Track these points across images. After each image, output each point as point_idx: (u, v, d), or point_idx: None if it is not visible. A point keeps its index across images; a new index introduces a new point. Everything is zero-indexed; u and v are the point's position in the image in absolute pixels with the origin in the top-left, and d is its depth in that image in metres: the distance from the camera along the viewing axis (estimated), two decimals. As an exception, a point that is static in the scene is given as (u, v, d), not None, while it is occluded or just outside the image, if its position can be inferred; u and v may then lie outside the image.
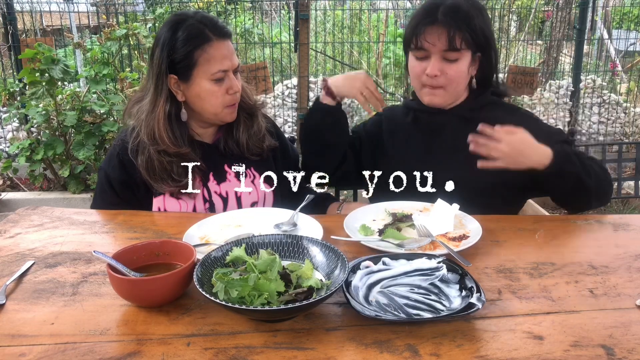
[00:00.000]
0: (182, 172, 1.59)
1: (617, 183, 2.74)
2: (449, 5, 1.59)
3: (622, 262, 1.24)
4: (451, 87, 1.65)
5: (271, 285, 0.99)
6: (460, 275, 1.08)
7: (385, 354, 0.90)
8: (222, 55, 1.54)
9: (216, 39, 1.54)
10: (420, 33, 1.59)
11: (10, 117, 4.11)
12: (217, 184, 1.66)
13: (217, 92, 1.56)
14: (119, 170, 1.61)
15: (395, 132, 1.81)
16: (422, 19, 1.61)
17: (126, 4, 5.32)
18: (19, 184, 4.45)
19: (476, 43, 1.61)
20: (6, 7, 4.59)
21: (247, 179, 1.69)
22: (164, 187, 1.58)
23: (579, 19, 5.20)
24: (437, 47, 1.59)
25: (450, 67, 1.61)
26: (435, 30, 1.58)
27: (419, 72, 1.65)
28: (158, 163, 1.56)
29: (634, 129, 5.43)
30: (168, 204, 1.61)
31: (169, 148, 1.56)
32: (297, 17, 4.59)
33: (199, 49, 1.52)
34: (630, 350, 0.91)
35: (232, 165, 1.68)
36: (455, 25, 1.57)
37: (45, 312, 1.03)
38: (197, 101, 1.58)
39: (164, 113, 1.56)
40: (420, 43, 1.60)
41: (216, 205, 1.65)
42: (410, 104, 1.84)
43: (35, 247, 1.34)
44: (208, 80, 1.54)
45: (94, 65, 3.85)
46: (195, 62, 1.53)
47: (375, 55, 6.41)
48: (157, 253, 1.15)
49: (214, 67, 1.53)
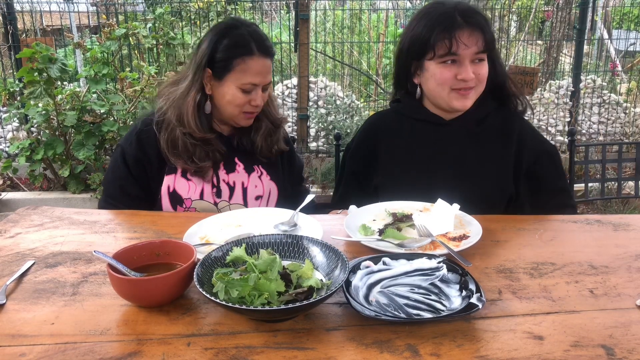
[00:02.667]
0: (203, 156, 1.68)
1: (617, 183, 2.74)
2: (463, 9, 1.59)
3: (622, 262, 1.24)
4: (480, 87, 1.65)
5: (271, 285, 0.99)
6: (460, 275, 1.08)
7: (385, 354, 0.90)
8: (257, 70, 1.63)
9: (258, 54, 1.63)
10: (453, 38, 1.56)
11: (10, 117, 4.12)
12: (226, 173, 1.74)
13: (241, 100, 1.65)
14: (136, 147, 1.70)
15: (393, 142, 1.77)
16: (447, 25, 1.57)
17: (126, 4, 5.32)
18: (19, 184, 4.45)
19: (490, 48, 1.62)
20: (6, 7, 4.59)
21: (254, 174, 1.76)
22: (179, 163, 1.67)
23: (579, 19, 5.21)
24: (470, 50, 1.57)
25: (480, 68, 1.61)
26: (467, 33, 1.57)
27: (449, 77, 1.61)
28: (182, 143, 1.67)
29: (634, 129, 5.43)
30: (178, 184, 1.68)
31: (194, 132, 1.66)
32: (297, 17, 4.60)
33: (239, 57, 1.62)
34: (630, 350, 0.91)
35: (242, 159, 1.77)
36: (483, 26, 1.58)
37: (46, 312, 1.03)
38: (221, 100, 1.67)
39: (194, 101, 1.66)
40: (455, 48, 1.56)
41: (223, 192, 1.72)
42: (400, 109, 1.80)
43: (35, 247, 1.34)
44: (237, 87, 1.64)
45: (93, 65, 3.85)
46: (232, 67, 1.63)
47: (375, 55, 6.41)
48: (157, 253, 1.15)
49: (246, 78, 1.63)
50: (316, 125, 5.06)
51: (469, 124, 1.70)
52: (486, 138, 1.70)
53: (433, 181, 1.65)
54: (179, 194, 1.67)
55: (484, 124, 1.71)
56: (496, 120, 1.72)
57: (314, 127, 5.10)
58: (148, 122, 1.72)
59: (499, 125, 1.71)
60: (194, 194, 1.68)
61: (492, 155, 1.68)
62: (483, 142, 1.69)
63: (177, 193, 1.67)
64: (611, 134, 5.44)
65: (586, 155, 2.73)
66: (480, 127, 1.70)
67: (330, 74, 6.15)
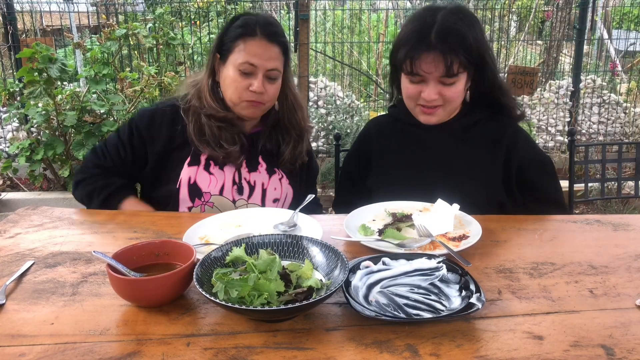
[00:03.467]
0: (229, 139, 1.68)
1: (617, 183, 2.74)
2: (442, 27, 1.53)
3: (622, 262, 1.24)
4: (448, 106, 1.64)
5: (271, 285, 0.99)
6: (460, 275, 1.08)
7: (385, 354, 0.90)
8: (256, 52, 1.60)
9: (260, 37, 1.61)
10: (415, 59, 1.54)
11: (10, 117, 4.11)
12: (249, 171, 1.73)
13: (239, 84, 1.62)
14: (147, 121, 1.71)
15: (386, 146, 1.79)
16: (415, 44, 1.55)
17: (126, 4, 5.32)
18: (19, 184, 4.45)
19: (472, 63, 1.57)
20: (6, 7, 4.59)
21: (275, 176, 1.76)
22: (208, 150, 1.67)
23: (579, 19, 5.20)
24: (433, 75, 1.55)
25: (447, 90, 1.59)
26: (431, 58, 1.53)
27: (414, 94, 1.62)
28: (208, 128, 1.67)
29: (634, 129, 5.42)
30: (200, 177, 1.67)
31: (216, 112, 1.66)
32: (297, 17, 4.59)
33: (240, 39, 1.61)
34: (630, 350, 0.91)
35: (265, 159, 1.76)
36: (451, 50, 1.51)
37: (45, 312, 1.03)
38: (223, 84, 1.68)
39: (207, 87, 1.69)
40: (416, 70, 1.55)
41: (244, 190, 1.71)
42: (396, 114, 1.81)
43: (35, 247, 1.34)
44: (235, 68, 1.61)
45: (93, 65, 3.85)
46: (233, 48, 1.62)
47: (375, 55, 6.41)
48: (157, 253, 1.16)
49: (243, 57, 1.60)
50: (316, 126, 5.07)
51: (456, 132, 1.70)
52: (475, 144, 1.69)
53: (423, 184, 1.65)
54: (199, 187, 1.66)
55: (473, 131, 1.70)
56: (487, 127, 1.71)
57: (314, 127, 5.11)
58: (167, 105, 1.74)
59: (489, 131, 1.70)
60: (214, 188, 1.67)
61: (481, 161, 1.67)
62: (472, 148, 1.69)
63: (198, 185, 1.66)
64: (611, 134, 5.44)
65: (586, 155, 2.73)
66: (469, 134, 1.70)
67: (330, 74, 6.15)
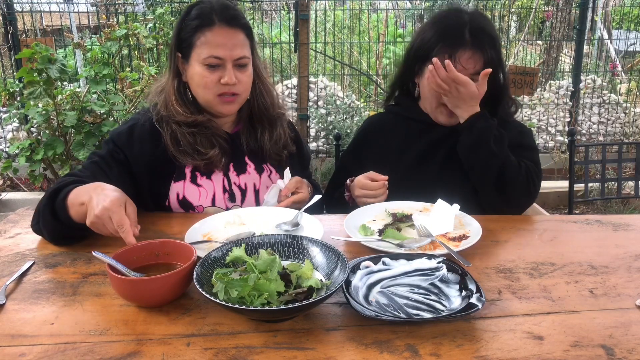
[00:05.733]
0: (206, 143, 1.57)
1: (617, 183, 2.74)
2: (474, 26, 1.57)
3: (622, 262, 1.24)
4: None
5: (271, 285, 0.99)
6: (460, 276, 1.08)
7: (385, 354, 0.90)
8: (219, 42, 1.50)
9: (219, 25, 1.50)
10: (453, 57, 1.56)
11: (10, 117, 4.11)
12: (237, 175, 1.64)
13: (208, 79, 1.51)
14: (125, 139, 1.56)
15: (384, 141, 1.79)
16: (451, 42, 1.57)
17: (126, 4, 5.32)
18: (19, 184, 4.45)
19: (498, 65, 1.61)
20: (6, 7, 4.59)
21: (264, 174, 1.69)
22: (188, 161, 1.56)
23: (579, 19, 5.20)
24: (468, 71, 1.57)
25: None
26: (468, 54, 1.57)
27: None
28: (181, 137, 1.56)
29: (634, 129, 5.42)
30: (188, 191, 1.58)
31: (185, 118, 1.55)
32: (297, 17, 4.59)
33: (199, 31, 1.51)
34: (630, 350, 0.91)
35: (252, 159, 1.68)
36: (488, 48, 1.56)
37: (45, 312, 1.03)
38: (192, 84, 1.57)
39: (173, 88, 1.58)
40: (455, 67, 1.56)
41: (236, 196, 1.63)
42: (398, 110, 1.82)
43: (35, 247, 1.34)
44: (201, 64, 1.51)
45: (94, 66, 3.85)
46: (194, 43, 1.52)
47: (375, 55, 6.41)
48: (157, 253, 1.16)
49: (206, 51, 1.50)
50: (316, 126, 5.07)
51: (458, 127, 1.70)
52: None
53: (421, 179, 1.66)
54: (189, 202, 1.58)
55: None
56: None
57: (314, 127, 5.10)
58: (146, 118, 1.60)
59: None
60: (205, 200, 1.59)
61: None
62: None
63: (188, 200, 1.57)
64: (611, 134, 5.44)
65: (586, 156, 2.73)
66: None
67: (330, 74, 6.15)
